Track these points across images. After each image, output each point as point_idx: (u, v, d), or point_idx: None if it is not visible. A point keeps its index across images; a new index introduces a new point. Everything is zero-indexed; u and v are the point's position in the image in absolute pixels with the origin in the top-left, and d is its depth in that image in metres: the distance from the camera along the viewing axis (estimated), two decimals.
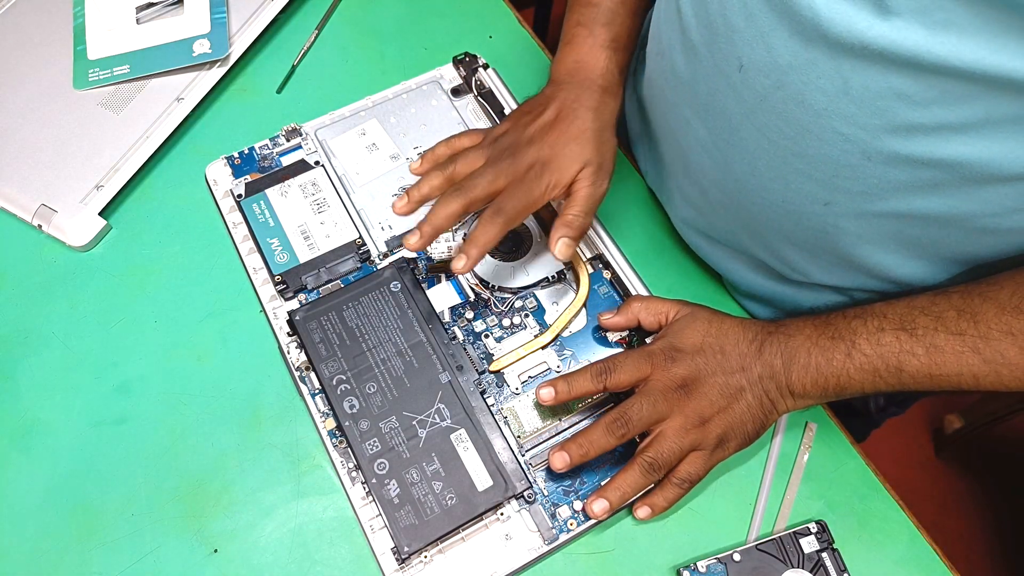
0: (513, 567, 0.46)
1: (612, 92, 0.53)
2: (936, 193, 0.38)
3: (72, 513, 0.48)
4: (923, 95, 0.34)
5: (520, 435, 0.49)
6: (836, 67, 0.36)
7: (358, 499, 0.47)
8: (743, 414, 0.45)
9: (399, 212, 0.49)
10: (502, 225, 0.46)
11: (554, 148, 0.49)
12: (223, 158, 0.59)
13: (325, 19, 0.68)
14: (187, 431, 0.50)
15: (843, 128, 0.38)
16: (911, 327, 0.42)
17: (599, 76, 0.53)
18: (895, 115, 0.36)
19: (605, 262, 0.55)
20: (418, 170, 0.51)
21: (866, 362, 0.43)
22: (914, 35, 0.32)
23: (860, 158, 0.39)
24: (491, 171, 0.47)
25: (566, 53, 0.54)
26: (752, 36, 0.39)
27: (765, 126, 0.42)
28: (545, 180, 0.48)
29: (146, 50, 0.62)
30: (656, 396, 0.45)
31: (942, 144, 0.36)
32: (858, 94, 0.36)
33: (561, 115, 0.50)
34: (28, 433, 0.51)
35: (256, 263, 0.54)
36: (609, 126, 0.52)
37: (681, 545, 0.48)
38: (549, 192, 0.48)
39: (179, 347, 0.53)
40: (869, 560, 0.48)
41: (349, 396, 0.49)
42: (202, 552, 0.47)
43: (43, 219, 0.56)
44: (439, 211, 0.46)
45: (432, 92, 0.62)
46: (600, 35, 0.53)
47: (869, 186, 0.40)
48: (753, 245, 0.51)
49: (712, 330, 0.47)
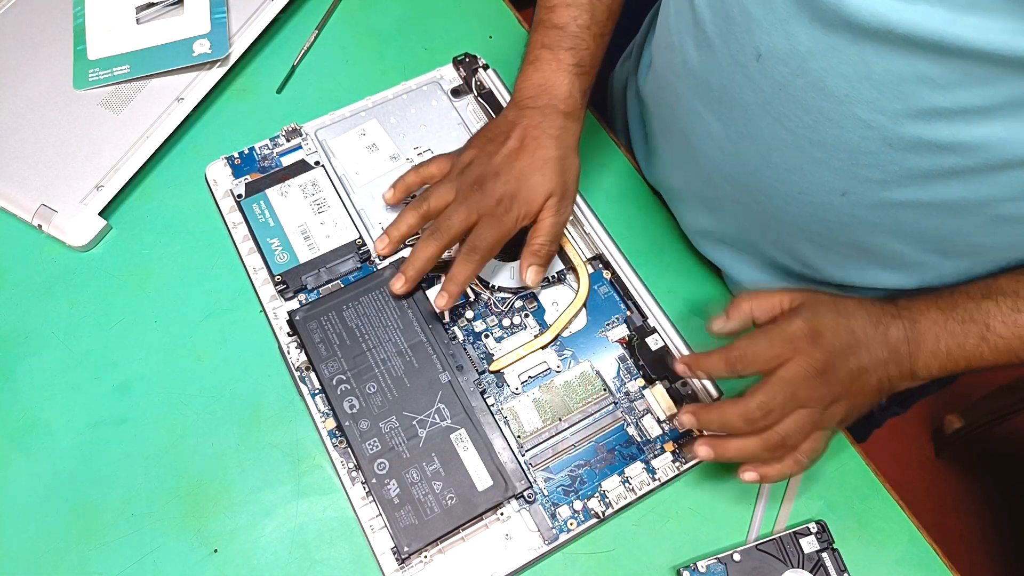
0: (513, 567, 0.46)
1: (574, 117, 0.54)
2: (955, 179, 0.38)
3: (72, 513, 0.48)
4: (947, 78, 0.34)
5: (520, 435, 0.49)
6: (858, 52, 0.36)
7: (358, 499, 0.47)
8: (866, 396, 0.44)
9: (381, 253, 0.53)
10: (478, 262, 0.49)
11: (520, 181, 0.50)
12: (223, 158, 0.59)
13: (325, 19, 0.68)
14: (187, 431, 0.50)
15: (864, 114, 0.38)
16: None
17: (561, 101, 0.53)
18: (918, 99, 0.36)
19: (605, 262, 0.55)
20: (392, 199, 0.55)
21: (1002, 343, 0.41)
22: (939, 17, 0.32)
23: (881, 145, 0.39)
24: (463, 209, 0.49)
25: (529, 74, 0.54)
26: (771, 24, 0.39)
27: (783, 115, 0.42)
28: (514, 213, 0.50)
29: (146, 50, 0.62)
30: (798, 386, 0.42)
31: (964, 128, 0.36)
32: (880, 78, 0.36)
33: (524, 144, 0.51)
34: (28, 433, 0.51)
35: (256, 263, 0.54)
36: (572, 151, 0.53)
37: (681, 545, 0.48)
38: (518, 223, 0.50)
39: (179, 347, 0.53)
40: (869, 560, 0.48)
41: (349, 396, 0.49)
42: (202, 552, 0.47)
43: (43, 219, 0.56)
44: (420, 255, 0.50)
45: (432, 92, 0.62)
46: (564, 59, 0.54)
47: (888, 174, 0.40)
48: (763, 241, 0.51)
49: (841, 310, 0.44)
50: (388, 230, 0.52)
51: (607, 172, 0.62)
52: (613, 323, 0.53)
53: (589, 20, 0.54)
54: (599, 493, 0.47)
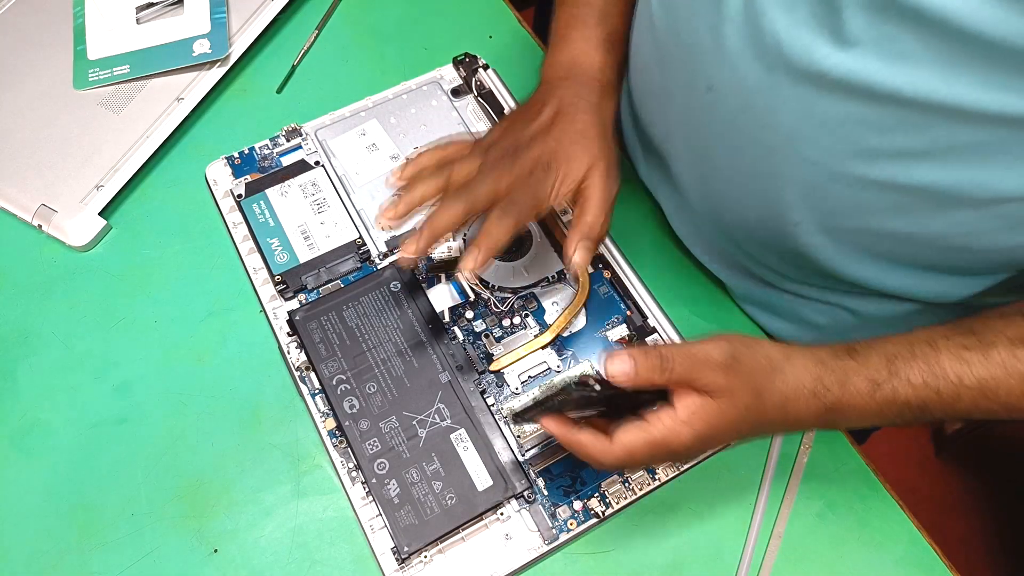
0: (513, 567, 0.46)
1: (610, 91, 0.50)
2: (904, 214, 0.38)
3: (72, 513, 0.48)
4: (883, 122, 0.34)
5: (520, 435, 0.49)
6: (799, 93, 0.36)
7: (358, 499, 0.47)
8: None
9: (388, 219, 0.44)
10: (511, 225, 0.42)
11: (559, 144, 0.45)
12: (223, 158, 0.59)
13: (325, 19, 0.68)
14: (187, 431, 0.50)
15: (809, 152, 0.38)
16: (993, 394, 0.37)
17: (597, 73, 0.50)
18: (858, 140, 0.36)
19: (605, 262, 0.55)
20: (402, 176, 0.46)
21: (931, 419, 0.39)
22: (870, 65, 0.33)
23: (827, 180, 0.39)
24: (493, 173, 0.43)
25: (559, 51, 0.51)
26: (720, 59, 0.39)
27: (736, 146, 0.42)
28: (552, 177, 0.44)
29: (146, 50, 0.62)
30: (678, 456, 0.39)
31: (906, 170, 0.36)
32: (821, 119, 0.36)
33: (561, 114, 0.47)
34: (28, 433, 0.50)
35: (256, 263, 0.54)
36: (611, 125, 0.49)
37: (681, 545, 0.48)
38: (557, 191, 0.44)
39: (179, 347, 0.53)
40: (869, 560, 0.48)
41: (349, 396, 0.49)
42: (202, 552, 0.47)
43: (43, 219, 0.56)
44: (441, 215, 0.42)
45: (432, 92, 0.62)
46: (595, 33, 0.51)
47: (838, 206, 0.40)
48: (741, 255, 0.51)
49: (744, 422, 0.38)
50: (399, 195, 0.44)
51: None
52: (613, 323, 0.53)
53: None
54: (599, 493, 0.47)
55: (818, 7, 0.33)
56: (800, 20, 0.34)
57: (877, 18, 0.31)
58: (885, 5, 0.30)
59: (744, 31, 0.37)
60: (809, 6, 0.33)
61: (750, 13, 0.36)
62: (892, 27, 0.31)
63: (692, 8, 0.41)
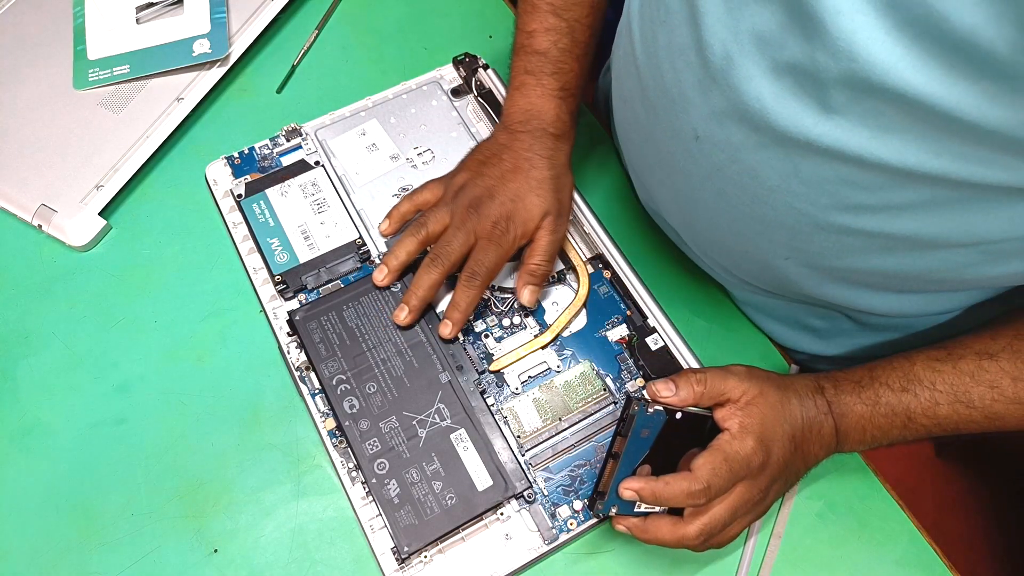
0: (513, 567, 0.46)
1: (565, 138, 0.54)
2: (890, 254, 0.39)
3: (72, 513, 0.48)
4: (869, 182, 0.35)
5: (520, 435, 0.49)
6: (785, 153, 0.36)
7: (358, 499, 0.47)
8: (792, 483, 0.45)
9: (381, 284, 0.52)
10: (479, 287, 0.49)
11: (515, 202, 0.50)
12: (223, 158, 0.59)
13: (325, 19, 0.68)
14: (187, 431, 0.50)
15: (795, 203, 0.39)
16: (966, 399, 0.41)
17: (551, 124, 0.53)
18: (843, 197, 0.36)
19: (605, 262, 0.55)
20: (387, 231, 0.54)
21: (924, 431, 0.43)
22: (857, 136, 0.33)
23: (813, 228, 0.40)
24: (461, 233, 0.49)
25: (516, 99, 0.54)
26: (706, 113, 0.39)
27: (722, 191, 0.42)
28: (511, 234, 0.50)
29: (146, 50, 0.62)
30: (741, 505, 0.41)
31: (890, 221, 0.36)
32: (807, 177, 0.37)
33: (518, 165, 0.51)
34: (28, 433, 0.50)
35: (256, 263, 0.54)
36: (564, 169, 0.53)
37: None
38: (516, 244, 0.50)
39: (179, 347, 0.53)
40: (869, 560, 0.48)
41: (349, 396, 0.49)
42: (202, 552, 0.47)
43: (43, 219, 0.56)
44: (422, 283, 0.49)
45: (432, 92, 0.62)
46: (548, 84, 0.54)
47: (825, 248, 0.41)
48: (732, 267, 0.51)
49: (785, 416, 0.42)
50: (386, 259, 0.52)
51: (607, 172, 0.62)
52: (613, 323, 0.53)
53: (570, 43, 0.54)
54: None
55: (804, 80, 0.33)
56: (786, 89, 0.34)
57: (860, 96, 0.31)
58: (867, 87, 0.30)
59: (729, 95, 0.37)
60: (795, 78, 0.33)
61: (735, 77, 0.36)
62: (875, 104, 0.31)
63: (675, 64, 0.40)
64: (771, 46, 0.34)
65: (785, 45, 0.33)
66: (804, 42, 0.32)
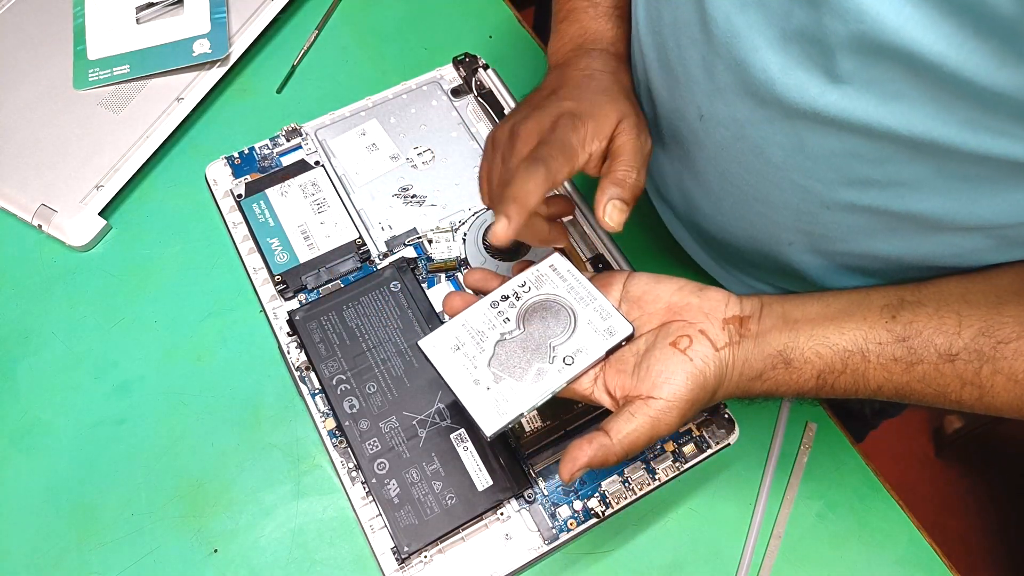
0: (513, 567, 0.46)
1: (625, 64, 0.46)
2: (895, 237, 0.39)
3: (72, 513, 0.48)
4: (875, 154, 0.35)
5: (520, 435, 0.49)
6: (791, 126, 0.36)
7: (358, 499, 0.47)
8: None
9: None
10: (543, 175, 0.36)
11: (581, 100, 0.40)
12: (223, 158, 0.59)
13: (325, 19, 0.68)
14: (187, 431, 0.50)
15: (801, 180, 0.38)
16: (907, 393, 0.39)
17: (610, 44, 0.46)
18: (850, 171, 0.36)
19: (605, 262, 0.55)
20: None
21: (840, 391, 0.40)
22: (865, 104, 0.33)
23: (819, 206, 0.39)
24: (525, 124, 0.40)
25: (565, 29, 0.47)
26: (711, 89, 0.39)
27: (727, 172, 0.42)
28: (580, 130, 0.39)
29: (146, 50, 0.62)
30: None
31: (896, 198, 0.36)
32: (813, 151, 0.37)
33: (578, 80, 0.43)
34: (28, 433, 0.51)
35: (256, 263, 0.54)
36: (632, 91, 0.44)
37: (681, 545, 0.48)
38: (586, 143, 0.39)
39: (179, 347, 0.53)
40: (869, 560, 0.48)
41: (349, 396, 0.49)
42: (202, 552, 0.47)
43: (43, 219, 0.56)
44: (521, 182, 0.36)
45: (432, 92, 0.62)
46: (603, 4, 0.48)
47: (829, 230, 0.41)
48: (734, 257, 0.51)
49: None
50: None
51: None
52: None
53: None
54: (599, 493, 0.47)
55: (811, 47, 0.33)
56: (793, 59, 0.34)
57: (868, 60, 0.31)
58: (875, 49, 0.30)
59: (734, 68, 0.37)
60: (801, 46, 0.33)
61: (740, 50, 0.36)
62: (884, 69, 0.31)
63: (679, 41, 0.40)
64: (777, 15, 0.33)
65: (792, 13, 0.33)
66: (811, 8, 0.31)
